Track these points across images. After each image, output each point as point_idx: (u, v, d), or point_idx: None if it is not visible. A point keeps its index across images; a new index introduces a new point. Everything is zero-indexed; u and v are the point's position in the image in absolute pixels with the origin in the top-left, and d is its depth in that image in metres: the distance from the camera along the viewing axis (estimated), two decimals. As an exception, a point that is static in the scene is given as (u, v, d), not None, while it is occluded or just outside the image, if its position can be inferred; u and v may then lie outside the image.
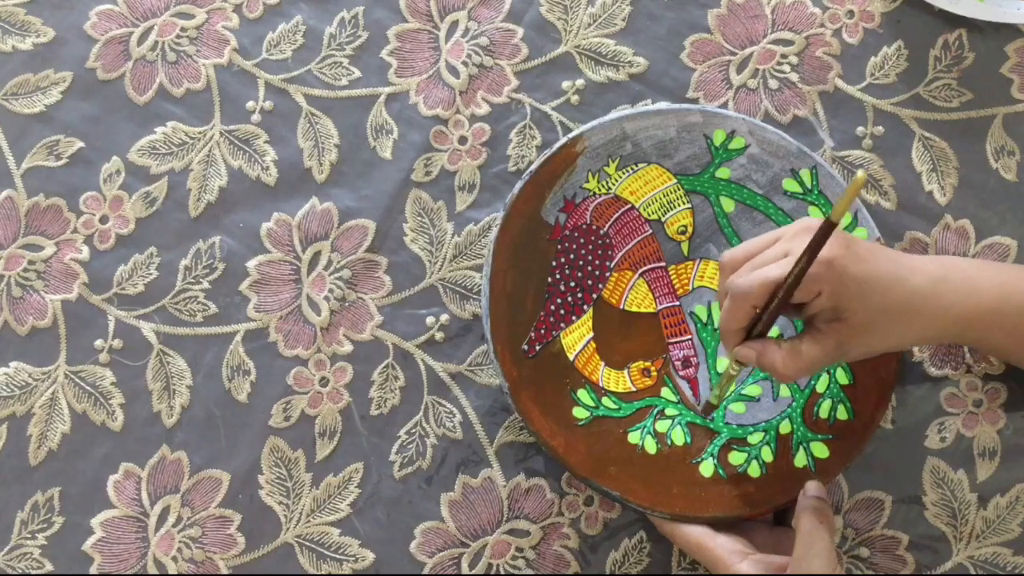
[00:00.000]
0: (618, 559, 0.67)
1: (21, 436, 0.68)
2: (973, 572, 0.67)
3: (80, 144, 0.71)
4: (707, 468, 0.66)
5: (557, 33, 0.73)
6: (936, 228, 0.70)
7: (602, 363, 0.68)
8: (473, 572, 0.67)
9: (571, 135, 0.68)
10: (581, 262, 0.68)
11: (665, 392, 0.68)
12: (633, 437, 0.66)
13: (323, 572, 0.67)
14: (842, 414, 0.66)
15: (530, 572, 0.67)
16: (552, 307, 0.67)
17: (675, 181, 0.69)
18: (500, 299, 0.66)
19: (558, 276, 0.68)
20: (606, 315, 0.68)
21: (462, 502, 0.68)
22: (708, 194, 0.69)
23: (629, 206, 0.69)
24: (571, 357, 0.67)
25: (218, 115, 0.72)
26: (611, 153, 0.69)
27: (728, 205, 0.69)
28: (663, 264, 0.69)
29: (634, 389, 0.67)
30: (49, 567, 0.66)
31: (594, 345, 0.68)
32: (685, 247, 0.69)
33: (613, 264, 0.69)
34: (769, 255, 0.59)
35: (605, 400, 0.67)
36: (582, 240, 0.68)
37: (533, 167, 0.67)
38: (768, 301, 0.57)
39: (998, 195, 0.71)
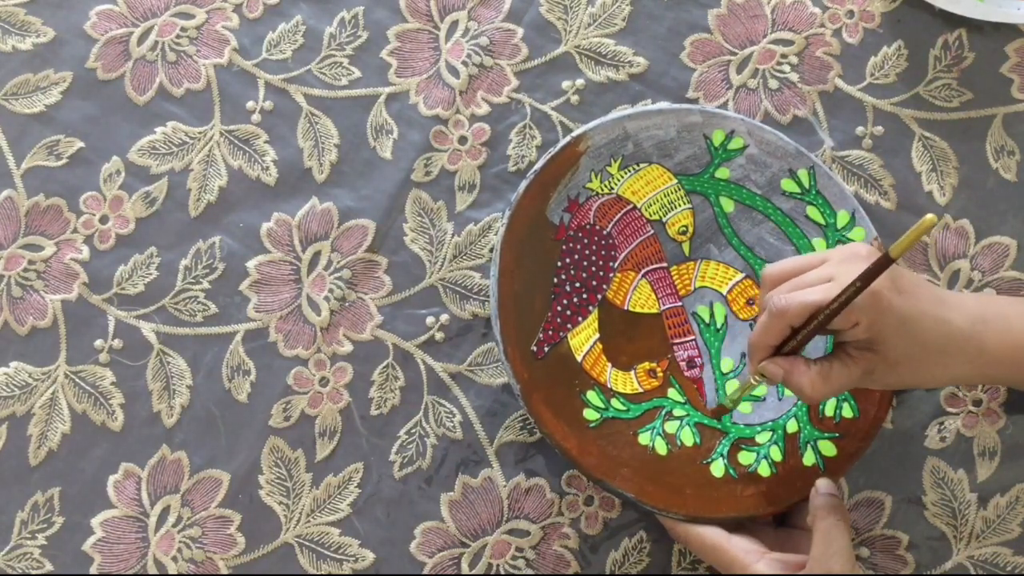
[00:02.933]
0: (618, 559, 0.67)
1: (21, 436, 0.68)
2: (973, 572, 0.67)
3: (80, 144, 0.71)
4: (718, 468, 0.66)
5: (557, 33, 0.73)
6: (936, 228, 0.70)
7: (609, 364, 0.68)
8: (473, 572, 0.67)
9: (574, 134, 0.68)
10: (585, 263, 0.68)
11: (672, 393, 0.68)
12: (643, 438, 0.66)
13: (323, 572, 0.67)
14: (847, 412, 0.66)
15: (530, 572, 0.67)
16: (559, 308, 0.67)
17: (675, 181, 0.69)
18: (508, 300, 0.66)
19: (563, 277, 0.68)
20: (611, 316, 0.68)
21: (462, 502, 0.68)
22: (708, 194, 0.69)
23: (631, 206, 0.69)
24: (579, 358, 0.67)
25: (218, 115, 0.72)
26: (613, 153, 0.69)
27: (728, 205, 0.69)
28: (665, 265, 0.69)
29: (641, 390, 0.67)
30: (49, 567, 0.66)
31: (600, 346, 0.68)
32: (686, 247, 0.69)
33: (616, 265, 0.69)
34: (812, 277, 0.58)
35: (614, 402, 0.67)
36: (586, 240, 0.68)
37: (538, 166, 0.67)
38: (804, 323, 0.57)
39: (998, 195, 0.71)
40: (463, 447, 0.68)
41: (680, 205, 0.69)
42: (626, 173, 0.69)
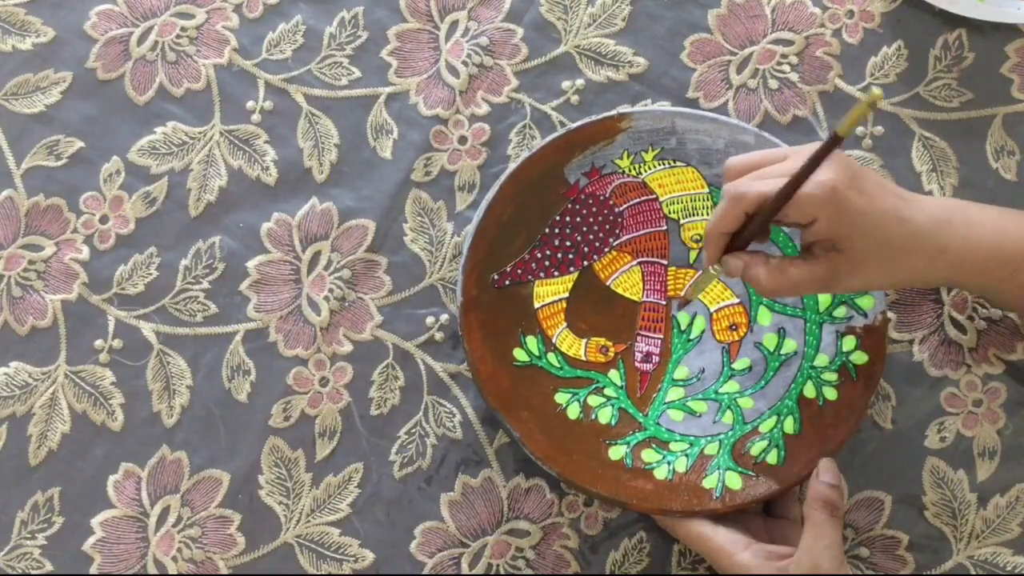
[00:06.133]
0: (618, 559, 0.67)
1: (21, 436, 0.68)
2: (973, 572, 0.67)
3: (80, 144, 0.71)
4: (616, 452, 0.66)
5: (557, 33, 0.73)
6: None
7: (564, 323, 0.68)
8: (473, 572, 0.67)
9: (619, 110, 0.68)
10: (585, 228, 0.68)
11: (613, 374, 0.68)
12: (560, 397, 0.67)
13: (323, 572, 0.67)
14: (772, 458, 0.65)
15: (530, 572, 0.67)
16: (539, 255, 0.68)
17: (708, 191, 0.69)
18: (492, 225, 0.67)
19: (557, 230, 0.68)
20: (589, 284, 0.68)
21: (462, 502, 0.68)
22: None
23: (653, 197, 0.69)
24: (536, 305, 0.68)
25: (218, 115, 0.72)
26: (654, 141, 0.68)
27: None
28: (665, 263, 0.69)
29: (584, 359, 0.68)
30: (49, 567, 0.66)
31: (564, 305, 0.68)
32: (693, 255, 0.69)
33: (616, 243, 0.69)
34: (775, 170, 0.58)
35: (551, 355, 0.67)
36: (595, 209, 0.68)
37: (573, 125, 0.68)
38: (759, 211, 0.57)
39: (998, 195, 0.71)
40: (463, 447, 0.68)
41: (703, 214, 0.69)
42: (659, 164, 0.69)
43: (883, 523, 0.68)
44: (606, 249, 0.69)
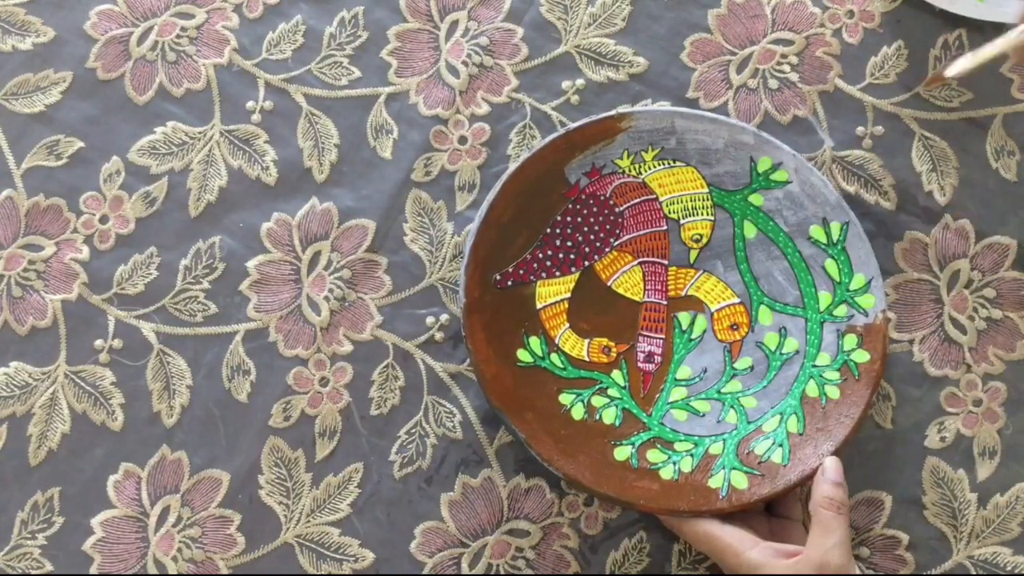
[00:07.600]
0: (618, 559, 0.67)
1: (21, 436, 0.68)
2: (973, 572, 0.67)
3: (80, 144, 0.71)
4: (622, 453, 0.66)
5: (557, 33, 0.73)
6: (936, 228, 0.70)
7: (567, 324, 0.68)
8: (473, 572, 0.67)
9: (619, 110, 0.68)
10: (586, 228, 0.68)
11: (616, 375, 0.68)
12: (564, 398, 0.67)
13: (323, 572, 0.67)
14: (777, 457, 0.65)
15: (530, 572, 0.67)
16: (540, 255, 0.68)
17: (707, 190, 0.69)
18: (492, 226, 0.67)
19: (558, 231, 0.68)
20: (590, 285, 0.68)
21: (462, 502, 0.68)
22: (734, 214, 0.69)
23: (653, 196, 0.69)
24: (538, 305, 0.68)
25: (218, 115, 0.72)
26: (653, 141, 0.68)
27: (750, 231, 0.68)
28: (665, 263, 0.69)
29: (587, 360, 0.68)
30: (49, 567, 0.66)
31: (567, 305, 0.68)
32: (693, 255, 0.69)
33: (617, 243, 0.69)
34: None
35: (554, 356, 0.67)
36: (595, 209, 0.68)
37: (573, 125, 0.68)
38: None
39: (998, 195, 0.71)
40: (463, 447, 0.68)
41: (703, 214, 0.69)
42: (659, 164, 0.69)
43: (883, 523, 0.68)
44: (607, 249, 0.69)
